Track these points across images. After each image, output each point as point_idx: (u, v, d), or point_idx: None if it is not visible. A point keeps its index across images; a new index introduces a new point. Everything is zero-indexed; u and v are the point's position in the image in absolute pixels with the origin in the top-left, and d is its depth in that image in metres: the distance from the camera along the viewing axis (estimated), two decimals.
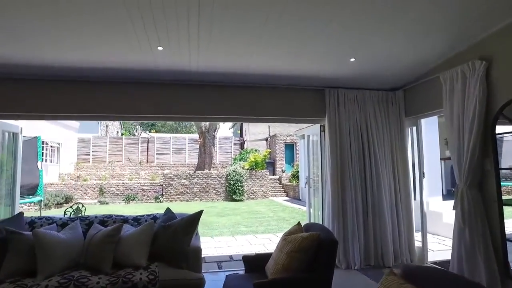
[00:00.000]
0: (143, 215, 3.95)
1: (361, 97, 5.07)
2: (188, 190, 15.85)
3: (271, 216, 10.38)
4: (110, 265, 3.04)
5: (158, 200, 15.34)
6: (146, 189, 15.87)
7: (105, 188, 15.63)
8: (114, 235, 3.17)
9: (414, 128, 5.13)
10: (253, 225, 8.77)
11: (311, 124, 5.57)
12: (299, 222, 3.24)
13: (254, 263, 3.22)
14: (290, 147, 23.54)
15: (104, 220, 3.68)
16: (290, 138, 23.37)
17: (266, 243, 6.67)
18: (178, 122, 67.03)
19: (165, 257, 3.28)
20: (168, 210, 3.92)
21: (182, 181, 15.86)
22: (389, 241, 4.79)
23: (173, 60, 3.99)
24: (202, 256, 3.55)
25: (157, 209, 12.46)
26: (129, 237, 3.27)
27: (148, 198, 15.58)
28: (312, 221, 5.70)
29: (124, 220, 3.74)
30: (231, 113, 4.86)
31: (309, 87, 5.03)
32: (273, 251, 3.01)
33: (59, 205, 13.17)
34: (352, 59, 4.14)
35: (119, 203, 15.01)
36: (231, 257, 5.59)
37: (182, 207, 13.06)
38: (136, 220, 3.80)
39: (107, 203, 14.54)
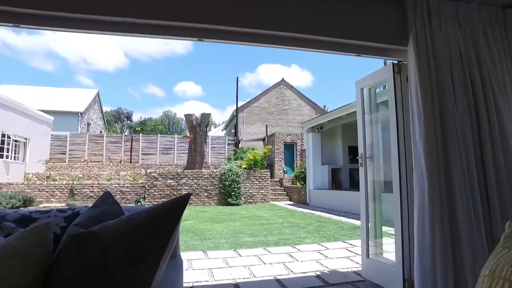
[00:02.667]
0: (50, 210, 1.70)
1: (464, 13, 2.94)
2: (175, 192, 13.53)
3: (279, 222, 8.16)
4: None
5: (139, 203, 12.98)
6: (126, 191, 13.51)
7: (76, 189, 13.22)
8: None
9: None
10: (260, 233, 6.54)
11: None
12: None
13: None
14: (290, 148, 21.49)
15: None
16: (290, 137, 21.35)
17: (287, 261, 4.45)
18: (168, 125, 64.60)
19: None
20: (104, 196, 1.68)
21: (168, 181, 13.55)
22: None
23: None
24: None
25: None
26: None
27: (127, 201, 13.21)
28: (373, 237, 3.59)
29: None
30: (276, 26, 2.61)
31: None
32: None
33: (14, 208, 10.74)
34: None
35: None
36: (237, 286, 3.37)
37: None
38: (25, 220, 1.57)
39: None
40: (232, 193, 13.50)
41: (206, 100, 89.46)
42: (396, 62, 3.12)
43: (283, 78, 26.56)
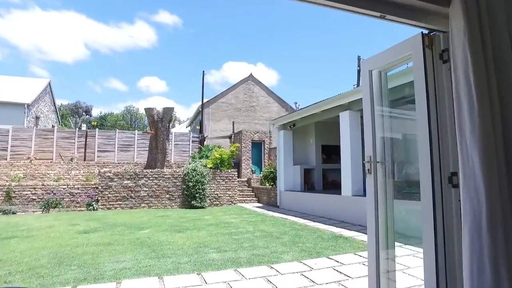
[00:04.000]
0: None
1: None
2: (133, 194, 12.19)
3: (250, 230, 7.23)
4: None
5: (91, 207, 11.51)
6: (76, 193, 11.97)
7: (15, 191, 11.48)
8: None
9: None
10: (229, 247, 5.57)
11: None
12: None
13: None
14: (257, 146, 20.68)
15: None
16: (258, 135, 20.54)
17: (264, 287, 3.53)
18: (130, 121, 61.70)
19: None
20: None
21: (125, 182, 12.18)
22: None
23: None
24: None
25: (87, 220, 8.77)
26: None
27: (77, 205, 11.68)
28: (384, 257, 2.72)
29: None
30: None
31: None
32: None
33: None
34: None
35: (34, 212, 10.97)
36: None
37: (123, 217, 9.48)
38: None
39: (13, 213, 10.45)
40: (197, 195, 12.39)
41: (171, 96, 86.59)
42: (426, 32, 2.28)
43: (251, 74, 25.66)
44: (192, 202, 12.30)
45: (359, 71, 18.24)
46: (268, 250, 5.30)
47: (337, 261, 4.64)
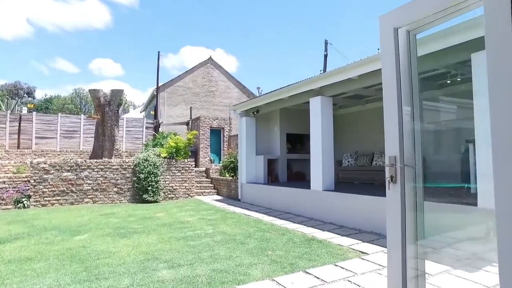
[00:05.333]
0: None
1: None
2: (74, 188, 10.64)
3: (209, 232, 6.24)
4: None
5: (21, 204, 9.84)
6: (3, 188, 10.18)
7: None
8: None
9: None
10: (184, 259, 4.55)
11: None
12: None
13: None
14: (216, 133, 19.60)
15: None
16: (217, 122, 19.43)
17: None
18: (80, 105, 57.37)
19: None
20: None
21: (65, 174, 10.57)
22: None
23: None
24: None
25: (9, 223, 7.22)
26: None
27: (2, 202, 9.93)
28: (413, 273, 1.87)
29: None
30: None
31: None
32: None
33: None
34: None
35: None
36: None
37: (59, 216, 8.04)
38: None
39: None
40: (149, 188, 11.11)
41: (127, 79, 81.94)
42: None
43: (210, 57, 24.22)
44: (144, 196, 11.02)
45: (325, 56, 17.67)
46: (232, 263, 4.35)
47: (317, 277, 3.82)
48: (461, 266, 3.66)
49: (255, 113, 10.80)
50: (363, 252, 4.80)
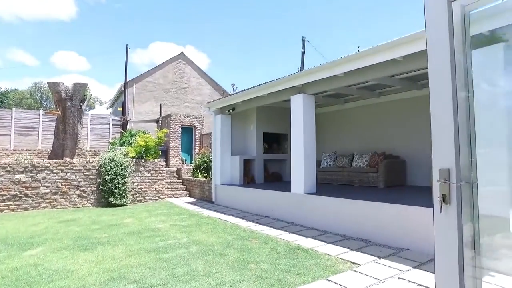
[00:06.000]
0: None
1: None
2: (29, 192, 9.60)
3: (184, 242, 5.64)
4: None
5: None
6: None
7: None
8: None
9: None
10: (156, 277, 3.95)
11: None
12: None
13: None
14: (188, 132, 18.90)
15: None
16: (188, 120, 18.71)
17: None
18: (40, 99, 54.09)
19: None
20: None
21: (18, 176, 9.52)
22: None
23: None
24: None
25: None
26: None
27: None
28: None
29: None
30: None
31: None
32: None
33: None
34: None
35: None
36: None
37: (9, 225, 7.07)
38: None
39: None
40: (116, 190, 10.27)
41: (93, 74, 78.40)
42: None
43: (182, 52, 23.33)
44: (110, 199, 10.16)
45: (303, 53, 17.34)
46: (213, 281, 3.81)
47: None
48: None
49: (231, 110, 10.25)
50: (354, 263, 4.42)
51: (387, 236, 5.30)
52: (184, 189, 13.17)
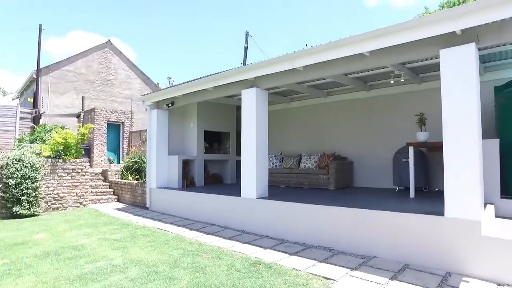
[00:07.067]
0: None
1: None
2: None
3: (118, 263, 4.54)
4: None
5: None
6: None
7: None
8: None
9: None
10: None
11: None
12: None
13: None
14: (115, 128, 17.07)
15: None
16: (116, 115, 16.93)
17: None
18: None
19: None
20: None
21: None
22: None
23: None
24: None
25: None
26: None
27: None
28: None
29: None
30: None
31: None
32: None
33: None
34: None
35: None
36: None
37: None
38: None
39: None
40: (23, 198, 8.43)
41: None
42: None
43: (109, 40, 21.08)
44: (15, 208, 8.29)
45: (246, 48, 16.68)
46: None
47: None
48: None
49: (169, 105, 9.15)
50: (328, 278, 3.86)
51: (351, 243, 4.89)
52: (112, 193, 11.60)
